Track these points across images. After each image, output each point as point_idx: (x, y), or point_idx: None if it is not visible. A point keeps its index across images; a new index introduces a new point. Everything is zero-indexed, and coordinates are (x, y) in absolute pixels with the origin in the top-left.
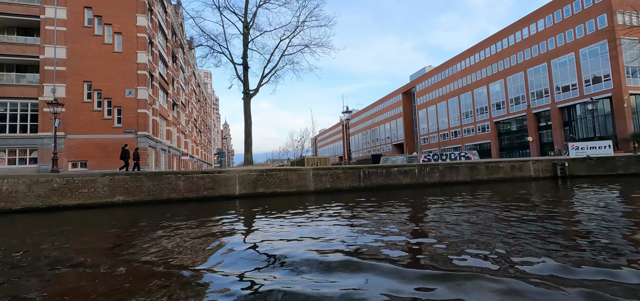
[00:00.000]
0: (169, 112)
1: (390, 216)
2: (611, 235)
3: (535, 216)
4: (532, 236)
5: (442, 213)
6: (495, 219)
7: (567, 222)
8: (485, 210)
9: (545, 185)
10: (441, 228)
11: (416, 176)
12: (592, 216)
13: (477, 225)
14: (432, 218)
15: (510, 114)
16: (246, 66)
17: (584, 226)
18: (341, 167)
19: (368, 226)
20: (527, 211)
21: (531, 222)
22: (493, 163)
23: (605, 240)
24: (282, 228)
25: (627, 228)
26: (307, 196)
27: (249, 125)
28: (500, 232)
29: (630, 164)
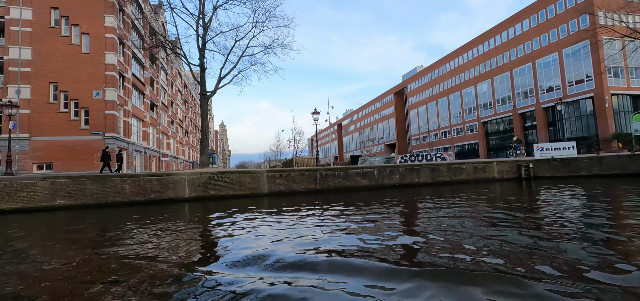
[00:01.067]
0: (146, 113)
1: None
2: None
3: (483, 215)
4: (470, 236)
5: (385, 213)
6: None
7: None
8: (432, 210)
9: (508, 186)
10: (372, 228)
11: (375, 178)
12: (541, 215)
13: (406, 224)
14: (375, 218)
15: (497, 114)
16: (203, 67)
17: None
18: (297, 169)
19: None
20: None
21: (464, 217)
22: (456, 164)
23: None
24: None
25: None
26: (261, 198)
27: (205, 127)
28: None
29: (592, 166)
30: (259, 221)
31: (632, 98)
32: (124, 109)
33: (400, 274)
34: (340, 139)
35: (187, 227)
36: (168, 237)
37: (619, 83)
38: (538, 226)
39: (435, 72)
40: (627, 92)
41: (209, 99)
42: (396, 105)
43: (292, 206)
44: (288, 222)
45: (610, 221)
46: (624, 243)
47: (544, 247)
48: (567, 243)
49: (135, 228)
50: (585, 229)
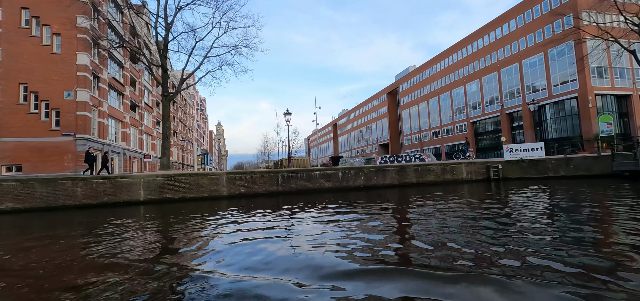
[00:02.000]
0: (126, 114)
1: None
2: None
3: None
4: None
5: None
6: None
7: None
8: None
9: (476, 187)
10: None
11: (339, 180)
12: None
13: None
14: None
15: (486, 115)
16: (164, 68)
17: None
18: (258, 171)
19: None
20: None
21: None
22: (423, 166)
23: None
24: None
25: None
26: (219, 201)
27: (166, 128)
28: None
29: (559, 167)
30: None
31: (616, 98)
32: (99, 109)
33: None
34: (336, 140)
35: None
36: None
37: (603, 83)
38: (501, 225)
39: (427, 72)
40: (611, 93)
41: (171, 101)
42: (389, 105)
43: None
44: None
45: (571, 221)
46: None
47: (507, 245)
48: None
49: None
50: (544, 230)
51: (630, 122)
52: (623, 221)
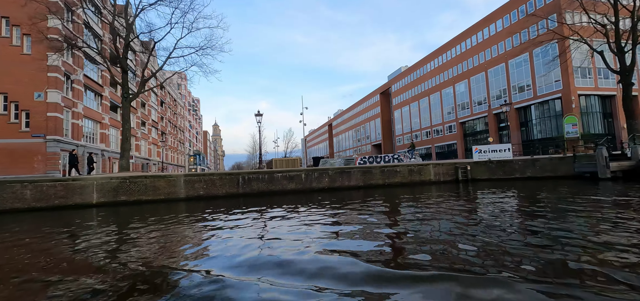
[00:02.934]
0: (104, 115)
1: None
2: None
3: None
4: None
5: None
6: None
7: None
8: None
9: (443, 188)
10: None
11: (302, 182)
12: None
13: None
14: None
15: (474, 115)
16: (124, 69)
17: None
18: (217, 173)
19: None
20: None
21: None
22: (389, 167)
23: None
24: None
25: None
26: (176, 203)
27: (126, 130)
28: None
29: (526, 168)
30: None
31: (600, 98)
32: (73, 110)
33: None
34: (331, 140)
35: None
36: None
37: (587, 83)
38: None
39: (417, 72)
40: (595, 93)
41: (131, 102)
42: (381, 105)
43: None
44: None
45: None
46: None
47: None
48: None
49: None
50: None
51: (615, 123)
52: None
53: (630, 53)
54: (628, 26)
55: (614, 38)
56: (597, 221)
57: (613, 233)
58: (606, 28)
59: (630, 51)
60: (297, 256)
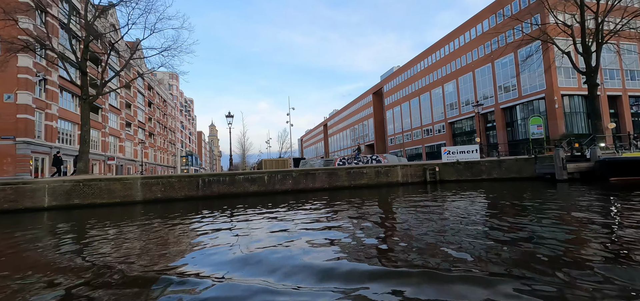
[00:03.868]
0: None
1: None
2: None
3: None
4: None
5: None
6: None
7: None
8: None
9: (410, 190)
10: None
11: (265, 184)
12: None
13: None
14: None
15: (462, 115)
16: (83, 71)
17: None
18: (175, 176)
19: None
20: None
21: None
22: (356, 169)
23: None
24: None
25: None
26: (133, 206)
27: (84, 132)
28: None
29: (493, 169)
30: None
31: (583, 98)
32: (46, 112)
33: None
34: (326, 140)
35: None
36: None
37: (570, 83)
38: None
39: (408, 72)
40: (578, 93)
41: (91, 104)
42: (374, 105)
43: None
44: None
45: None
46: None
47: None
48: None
49: None
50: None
51: (599, 123)
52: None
53: (596, 54)
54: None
55: (580, 39)
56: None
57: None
58: (572, 28)
59: (595, 52)
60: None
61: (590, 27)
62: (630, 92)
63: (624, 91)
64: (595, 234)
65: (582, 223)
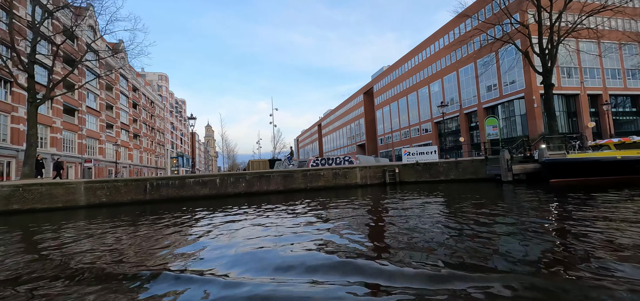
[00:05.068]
0: (56, 119)
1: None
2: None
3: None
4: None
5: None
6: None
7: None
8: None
9: (367, 192)
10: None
11: (217, 187)
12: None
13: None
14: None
15: (447, 115)
16: (31, 74)
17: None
18: (121, 179)
19: None
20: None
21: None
22: (312, 171)
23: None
24: None
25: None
26: (75, 211)
27: (31, 135)
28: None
29: (450, 170)
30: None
31: (564, 98)
32: (12, 115)
33: None
34: (320, 140)
35: None
36: None
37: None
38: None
39: (397, 72)
40: (558, 92)
41: (38, 107)
42: (365, 105)
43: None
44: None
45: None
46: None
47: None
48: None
49: None
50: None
51: (579, 122)
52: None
53: (550, 54)
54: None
55: (537, 39)
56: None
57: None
58: (528, 28)
59: (549, 52)
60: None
61: (547, 25)
62: (611, 90)
63: (604, 90)
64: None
65: (463, 224)
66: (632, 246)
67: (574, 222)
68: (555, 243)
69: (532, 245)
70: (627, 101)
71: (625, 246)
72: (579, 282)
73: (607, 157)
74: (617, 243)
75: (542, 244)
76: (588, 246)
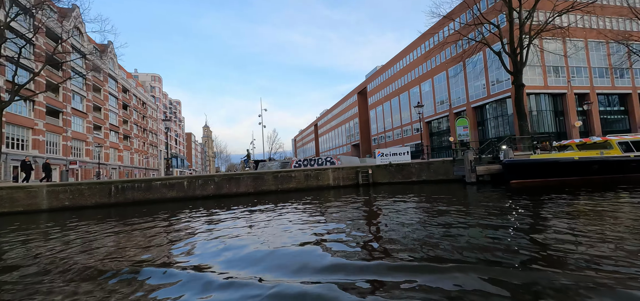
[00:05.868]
0: (38, 121)
1: None
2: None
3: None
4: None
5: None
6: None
7: None
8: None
9: (339, 193)
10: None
11: (185, 189)
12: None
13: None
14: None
15: (437, 114)
16: None
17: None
18: (86, 182)
19: None
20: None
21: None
22: (283, 173)
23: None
24: None
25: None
26: (37, 215)
27: None
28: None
29: (422, 171)
30: None
31: (551, 97)
32: None
33: None
34: (317, 140)
35: None
36: None
37: (536, 82)
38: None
39: (389, 72)
40: (544, 92)
41: (2, 109)
42: (359, 105)
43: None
44: None
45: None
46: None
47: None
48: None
49: None
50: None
51: (566, 121)
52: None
53: (520, 54)
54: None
55: (508, 40)
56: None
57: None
58: (500, 29)
59: (524, 51)
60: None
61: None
62: (599, 89)
63: (592, 89)
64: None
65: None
66: (528, 246)
67: (493, 221)
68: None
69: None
70: (615, 99)
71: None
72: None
73: (565, 158)
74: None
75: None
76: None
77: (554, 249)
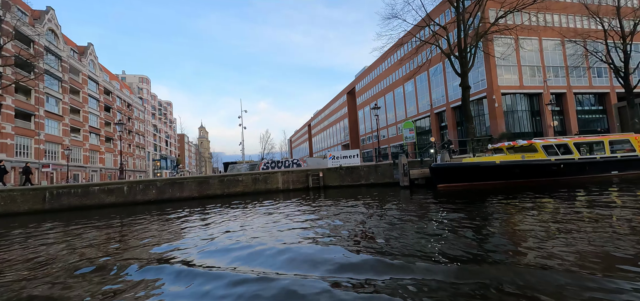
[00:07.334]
0: (5, 124)
1: None
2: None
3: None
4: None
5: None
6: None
7: None
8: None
9: (291, 196)
10: None
11: (125, 194)
12: None
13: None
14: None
15: (420, 114)
16: None
17: None
18: (18, 189)
19: None
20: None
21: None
22: (230, 176)
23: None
24: None
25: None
26: None
27: None
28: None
29: (370, 175)
30: None
31: (527, 97)
32: None
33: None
34: (310, 140)
35: None
36: None
37: (511, 82)
38: None
39: (376, 71)
40: (520, 91)
41: None
42: (348, 105)
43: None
44: None
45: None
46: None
47: None
48: None
49: None
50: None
51: (542, 121)
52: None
53: (466, 57)
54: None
55: (457, 42)
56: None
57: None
58: (446, 30)
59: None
60: None
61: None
62: (576, 89)
63: (568, 88)
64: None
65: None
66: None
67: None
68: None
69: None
70: (593, 98)
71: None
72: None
73: (487, 162)
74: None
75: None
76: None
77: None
